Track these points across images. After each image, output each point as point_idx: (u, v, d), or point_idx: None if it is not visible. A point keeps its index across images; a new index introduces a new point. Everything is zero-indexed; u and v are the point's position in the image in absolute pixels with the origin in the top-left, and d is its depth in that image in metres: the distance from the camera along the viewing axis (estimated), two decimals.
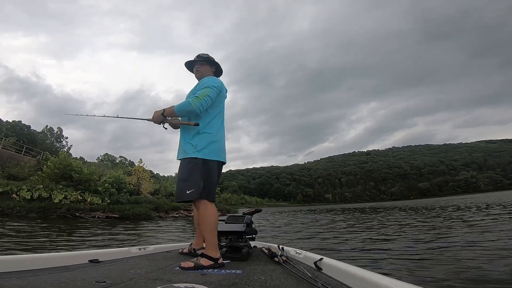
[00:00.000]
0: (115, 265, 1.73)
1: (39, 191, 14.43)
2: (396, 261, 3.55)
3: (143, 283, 1.27)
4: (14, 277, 1.27)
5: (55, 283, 1.21)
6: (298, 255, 2.03)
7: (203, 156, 1.87)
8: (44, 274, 1.38)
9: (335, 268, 1.44)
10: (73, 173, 17.50)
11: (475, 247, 4.18)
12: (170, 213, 20.71)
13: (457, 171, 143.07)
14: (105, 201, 16.96)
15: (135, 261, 1.94)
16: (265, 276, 1.44)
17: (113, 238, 7.30)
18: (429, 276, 2.84)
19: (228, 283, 1.30)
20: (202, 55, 2.19)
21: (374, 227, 8.27)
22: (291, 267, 1.60)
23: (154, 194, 26.05)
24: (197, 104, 1.85)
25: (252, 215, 2.53)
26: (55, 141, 47.88)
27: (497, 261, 3.24)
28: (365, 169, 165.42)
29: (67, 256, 1.78)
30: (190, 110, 1.88)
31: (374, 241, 5.50)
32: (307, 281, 1.28)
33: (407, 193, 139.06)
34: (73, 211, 14.14)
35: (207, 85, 1.94)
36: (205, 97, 1.88)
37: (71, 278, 1.32)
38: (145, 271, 1.57)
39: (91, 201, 15.83)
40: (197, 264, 1.65)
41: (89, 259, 1.81)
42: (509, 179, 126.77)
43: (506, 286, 2.45)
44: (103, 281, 1.26)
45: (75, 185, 17.30)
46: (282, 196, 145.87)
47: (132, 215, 15.66)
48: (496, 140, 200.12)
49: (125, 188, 20.31)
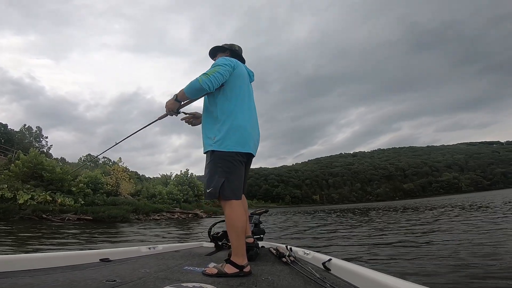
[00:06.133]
0: (125, 264, 1.74)
1: (2, 191, 13.19)
2: (405, 262, 3.45)
3: (152, 282, 1.28)
4: (27, 276, 1.28)
5: (67, 281, 1.22)
6: (306, 256, 2.01)
7: (221, 148, 1.63)
8: (56, 273, 1.38)
9: (343, 269, 1.41)
10: (44, 172, 16.29)
11: (482, 247, 3.96)
12: (151, 215, 19.67)
13: (440, 172, 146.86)
14: (78, 202, 15.82)
15: (144, 260, 1.95)
16: (273, 277, 1.45)
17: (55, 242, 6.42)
18: (438, 276, 2.74)
19: (235, 283, 1.32)
20: (214, 48, 2.05)
21: (378, 227, 8.04)
22: (299, 267, 1.59)
23: (135, 195, 24.87)
24: (205, 80, 1.61)
25: (260, 216, 2.55)
26: (34, 141, 45.95)
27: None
28: (351, 171, 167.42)
29: (79, 255, 1.77)
30: (199, 88, 1.64)
31: (382, 241, 5.32)
32: (315, 281, 1.28)
33: (392, 194, 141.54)
34: (40, 212, 12.98)
35: (218, 63, 1.74)
36: (214, 73, 1.65)
37: (82, 276, 1.33)
38: (154, 270, 1.57)
39: (61, 202, 14.67)
40: (221, 271, 1.48)
41: (100, 258, 1.81)
42: (488, 180, 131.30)
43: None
44: (113, 280, 1.27)
45: (45, 185, 16.09)
46: (271, 198, 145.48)
47: (107, 217, 14.60)
48: (476, 142, 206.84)
49: (102, 189, 19.15)
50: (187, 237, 8.45)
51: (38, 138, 47.93)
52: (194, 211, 25.54)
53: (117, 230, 10.07)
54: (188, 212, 24.59)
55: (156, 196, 24.80)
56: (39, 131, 48.29)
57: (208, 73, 1.65)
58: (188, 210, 25.54)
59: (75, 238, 7.14)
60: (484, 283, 2.45)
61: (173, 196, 26.31)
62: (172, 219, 21.10)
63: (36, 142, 46.65)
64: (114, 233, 9.09)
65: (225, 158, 1.62)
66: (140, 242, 6.67)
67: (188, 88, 1.68)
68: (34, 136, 47.53)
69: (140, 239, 7.30)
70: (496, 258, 3.23)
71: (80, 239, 6.98)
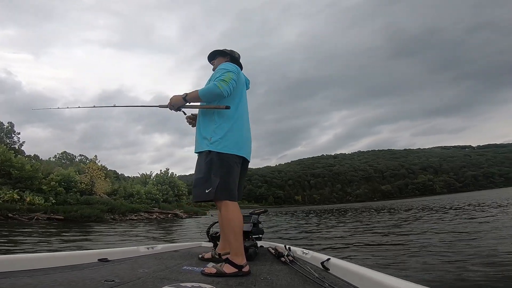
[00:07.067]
0: (124, 264, 1.73)
1: None
2: (404, 261, 3.55)
3: (151, 282, 1.29)
4: (26, 276, 1.28)
5: (65, 281, 1.22)
6: (305, 255, 2.03)
7: (217, 149, 1.66)
8: (55, 273, 1.38)
9: (342, 269, 1.42)
10: (12, 169, 15.44)
11: (480, 246, 4.18)
12: (127, 215, 19.12)
13: (415, 174, 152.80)
14: (49, 201, 15.11)
15: (143, 260, 1.96)
16: (272, 276, 1.46)
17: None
18: (437, 275, 2.85)
19: (234, 282, 1.33)
20: (215, 51, 2.09)
21: (369, 227, 8.24)
22: (298, 267, 1.60)
23: (111, 194, 24.08)
24: (225, 87, 1.67)
25: (259, 215, 2.55)
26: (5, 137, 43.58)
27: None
28: (332, 172, 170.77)
29: (77, 255, 1.77)
30: (218, 93, 1.67)
31: (379, 241, 5.46)
32: (314, 281, 1.29)
33: (371, 195, 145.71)
34: (6, 211, 12.28)
35: (229, 69, 1.78)
36: (231, 81, 1.71)
37: (81, 276, 1.33)
38: (153, 270, 1.58)
39: (30, 201, 13.96)
40: (219, 271, 1.50)
41: (98, 258, 1.80)
42: (461, 182, 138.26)
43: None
44: (112, 280, 1.27)
45: (13, 183, 15.27)
46: (254, 198, 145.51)
47: (80, 217, 14.04)
48: (450, 146, 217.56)
49: (76, 188, 18.38)
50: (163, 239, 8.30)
51: (9, 134, 45.50)
52: (173, 211, 25.11)
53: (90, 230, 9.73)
54: (168, 212, 24.14)
55: (134, 195, 24.16)
56: (11, 126, 45.82)
57: (226, 80, 1.70)
58: (167, 210, 25.07)
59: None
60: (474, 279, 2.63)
61: (152, 196, 25.73)
62: (151, 219, 20.63)
63: (7, 138, 44.28)
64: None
65: (223, 159, 1.65)
66: (138, 242, 6.56)
67: (205, 91, 1.71)
68: (5, 132, 45.10)
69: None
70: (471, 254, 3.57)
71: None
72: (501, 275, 2.69)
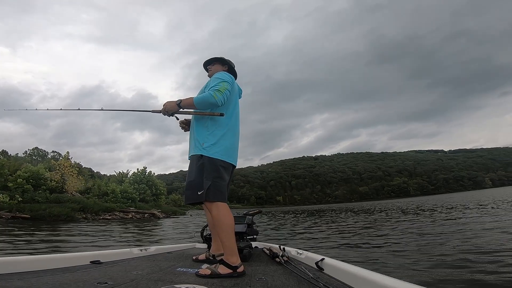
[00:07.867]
0: (117, 266, 1.72)
1: None
2: (397, 261, 3.61)
3: (145, 284, 1.27)
4: (16, 279, 1.26)
5: (57, 284, 1.21)
6: (299, 256, 2.03)
7: (209, 154, 1.75)
8: (46, 276, 1.36)
9: (336, 268, 1.43)
10: None
11: (473, 244, 4.30)
12: (101, 214, 18.46)
13: (391, 177, 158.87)
14: (15, 199, 14.29)
15: (136, 262, 1.94)
16: (267, 277, 1.46)
17: None
18: (430, 274, 2.90)
19: (229, 283, 1.33)
20: (214, 58, 2.16)
21: (363, 227, 8.38)
22: (292, 267, 1.60)
23: (84, 193, 23.15)
24: (220, 97, 1.74)
25: (253, 216, 2.55)
26: None
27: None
28: (313, 173, 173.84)
29: (69, 257, 1.75)
30: (212, 103, 1.75)
31: (372, 241, 5.54)
32: (308, 281, 1.28)
33: (349, 196, 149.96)
34: None
35: (224, 79, 1.85)
36: (225, 91, 1.78)
37: (72, 279, 1.31)
38: (147, 272, 1.57)
39: None
40: (214, 272, 1.51)
41: (90, 260, 1.79)
42: (433, 185, 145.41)
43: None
44: (104, 282, 1.25)
45: None
46: (236, 198, 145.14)
47: (48, 216, 13.41)
48: (424, 150, 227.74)
49: (45, 185, 17.49)
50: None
51: None
52: (151, 211, 24.52)
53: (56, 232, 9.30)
54: (144, 212, 23.54)
55: (109, 194, 23.34)
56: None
57: (221, 90, 1.77)
58: (144, 209, 24.44)
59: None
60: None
61: (128, 195, 24.98)
62: (126, 219, 20.03)
63: None
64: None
65: (213, 163, 1.74)
66: (131, 244, 6.35)
67: (200, 100, 1.78)
68: None
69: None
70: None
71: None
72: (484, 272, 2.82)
